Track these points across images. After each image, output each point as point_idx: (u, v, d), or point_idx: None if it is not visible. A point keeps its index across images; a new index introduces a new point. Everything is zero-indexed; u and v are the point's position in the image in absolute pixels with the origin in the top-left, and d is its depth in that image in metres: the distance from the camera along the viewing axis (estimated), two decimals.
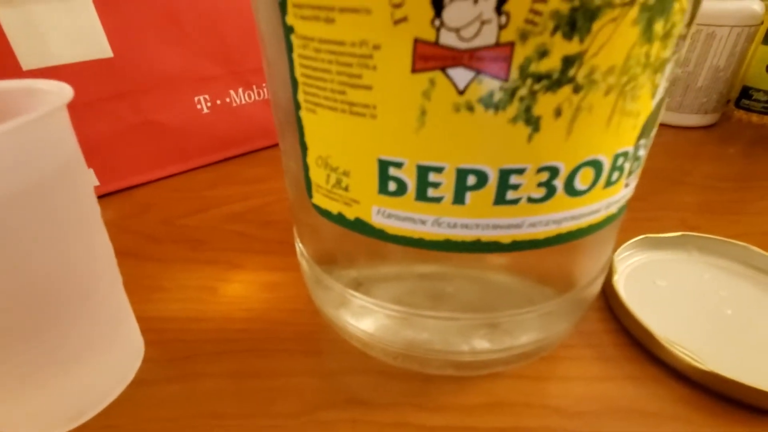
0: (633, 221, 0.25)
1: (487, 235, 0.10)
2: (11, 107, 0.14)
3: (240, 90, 0.32)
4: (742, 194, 0.28)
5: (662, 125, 0.38)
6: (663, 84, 0.10)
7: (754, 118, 0.37)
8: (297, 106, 0.11)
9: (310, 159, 0.11)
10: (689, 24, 0.09)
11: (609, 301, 0.19)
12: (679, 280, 0.19)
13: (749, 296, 0.18)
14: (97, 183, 0.29)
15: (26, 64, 0.24)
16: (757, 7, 0.32)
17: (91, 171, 0.29)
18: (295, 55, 0.10)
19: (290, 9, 0.09)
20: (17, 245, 0.11)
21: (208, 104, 0.31)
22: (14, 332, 0.12)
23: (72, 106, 0.27)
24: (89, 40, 0.26)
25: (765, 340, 0.16)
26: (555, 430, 0.14)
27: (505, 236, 0.11)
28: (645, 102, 0.10)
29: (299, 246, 0.17)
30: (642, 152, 0.11)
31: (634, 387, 0.15)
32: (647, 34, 0.08)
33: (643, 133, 0.10)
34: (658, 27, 0.08)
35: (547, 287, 0.13)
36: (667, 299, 0.18)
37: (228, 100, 0.32)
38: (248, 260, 0.23)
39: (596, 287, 0.15)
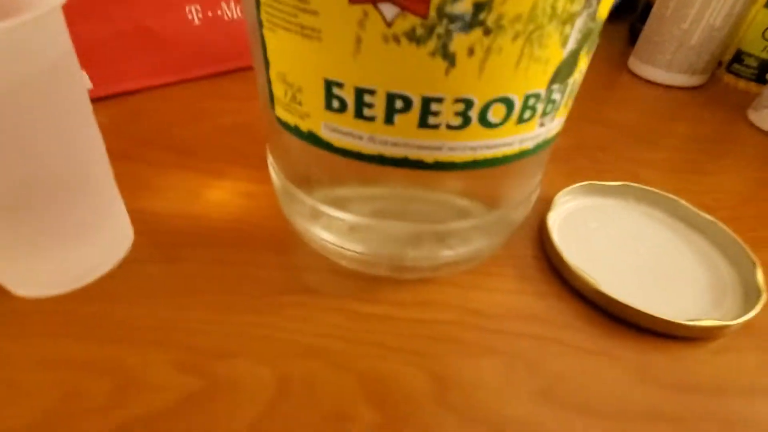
0: (589, 169, 0.27)
1: (413, 153, 0.13)
2: (8, 4, 0.15)
3: (231, 4, 0.32)
4: (701, 155, 0.29)
5: (649, 82, 0.38)
6: (574, 35, 0.11)
7: (741, 84, 0.38)
8: (260, 24, 0.12)
9: (272, 74, 0.13)
10: None
11: (540, 233, 0.21)
12: (609, 224, 0.22)
13: (665, 240, 0.21)
14: (90, 86, 0.30)
15: None
16: None
17: (84, 74, 0.30)
18: None
19: None
20: (18, 133, 0.13)
21: (199, 15, 0.32)
22: (21, 206, 0.14)
23: (65, 7, 0.28)
24: None
25: (663, 274, 0.19)
26: (466, 324, 0.17)
27: (428, 156, 0.13)
28: (554, 50, 0.11)
29: (270, 159, 0.19)
30: (557, 96, 0.13)
31: (542, 300, 0.18)
32: None
33: (556, 78, 0.12)
34: None
35: (478, 204, 0.16)
36: (592, 238, 0.21)
37: (219, 12, 0.32)
38: (231, 171, 0.25)
39: (521, 212, 0.17)
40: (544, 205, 0.22)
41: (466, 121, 0.12)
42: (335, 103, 0.12)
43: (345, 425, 0.14)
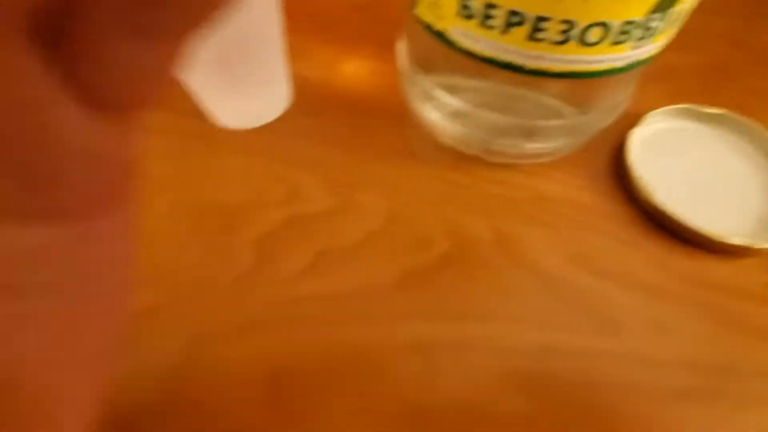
0: (700, 94, 0.27)
1: (518, 60, 0.16)
2: None
3: None
4: None
5: None
6: None
7: None
8: None
9: None
10: None
11: (619, 144, 0.24)
12: (693, 149, 0.24)
13: (741, 171, 0.23)
14: None
15: None
16: None
17: None
18: None
19: None
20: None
21: None
22: (228, 62, 0.21)
23: None
24: None
25: (723, 199, 0.22)
26: (531, 202, 0.22)
27: (531, 63, 0.16)
28: None
29: (401, 44, 0.23)
30: (655, 23, 0.15)
31: (597, 196, 0.22)
32: None
33: (657, 8, 0.14)
34: None
35: (565, 108, 0.19)
36: (668, 157, 0.23)
37: None
38: (362, 48, 0.29)
39: (603, 121, 0.20)
40: (633, 120, 0.24)
41: (567, 39, 0.15)
42: (466, 12, 0.16)
43: (427, 247, 0.20)
